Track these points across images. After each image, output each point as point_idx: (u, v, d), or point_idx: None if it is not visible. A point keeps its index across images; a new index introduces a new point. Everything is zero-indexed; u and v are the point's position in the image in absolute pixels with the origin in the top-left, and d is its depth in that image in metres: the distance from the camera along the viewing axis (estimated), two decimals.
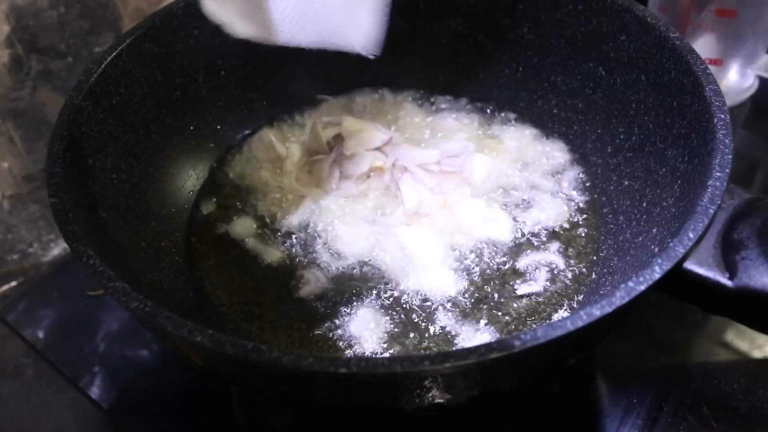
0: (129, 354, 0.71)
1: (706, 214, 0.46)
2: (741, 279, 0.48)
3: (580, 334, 0.41)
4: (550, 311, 0.61)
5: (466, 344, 0.58)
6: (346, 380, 0.41)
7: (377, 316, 0.61)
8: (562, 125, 0.76)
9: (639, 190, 0.64)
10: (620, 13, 0.65)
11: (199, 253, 0.68)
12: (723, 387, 0.63)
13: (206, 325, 0.43)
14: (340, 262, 0.65)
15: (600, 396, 0.64)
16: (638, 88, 0.65)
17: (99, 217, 0.56)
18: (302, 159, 0.75)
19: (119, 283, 0.45)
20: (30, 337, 0.73)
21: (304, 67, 0.81)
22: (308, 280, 0.63)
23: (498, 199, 0.70)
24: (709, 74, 0.56)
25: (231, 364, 0.45)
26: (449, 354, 0.39)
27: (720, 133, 0.51)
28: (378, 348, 0.58)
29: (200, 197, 0.73)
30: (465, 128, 0.77)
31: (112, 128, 0.63)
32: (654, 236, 0.57)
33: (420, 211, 0.68)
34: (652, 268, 0.44)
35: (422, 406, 0.46)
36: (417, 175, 0.70)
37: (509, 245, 0.66)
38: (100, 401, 0.67)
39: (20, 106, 0.78)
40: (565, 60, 0.73)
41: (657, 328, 0.68)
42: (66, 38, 0.79)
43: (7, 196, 0.80)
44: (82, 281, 0.76)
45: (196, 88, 0.74)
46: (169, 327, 0.42)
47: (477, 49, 0.80)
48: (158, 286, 0.60)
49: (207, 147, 0.76)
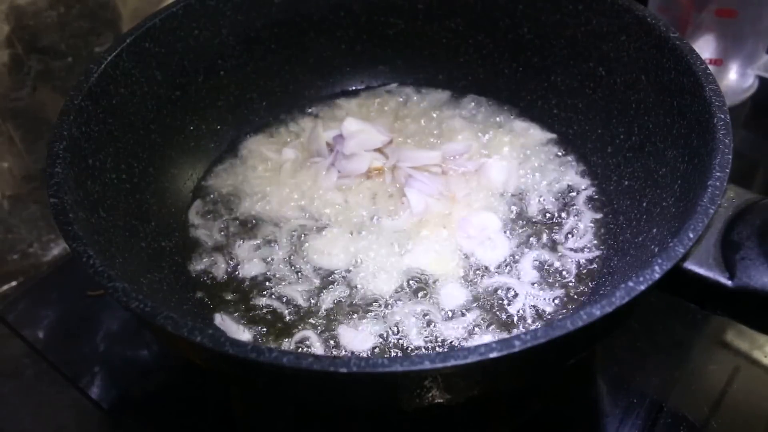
0: (129, 354, 0.71)
1: (706, 214, 0.46)
2: (741, 279, 0.48)
3: (580, 334, 0.41)
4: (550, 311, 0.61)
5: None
6: (346, 380, 0.41)
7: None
8: (562, 125, 0.76)
9: (639, 190, 0.64)
10: (620, 13, 0.65)
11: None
12: (723, 387, 0.63)
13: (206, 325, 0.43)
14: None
15: (600, 396, 0.64)
16: (638, 88, 0.65)
17: (99, 217, 0.56)
18: (299, 160, 0.75)
19: (119, 283, 0.45)
20: (30, 337, 0.73)
21: (304, 67, 0.81)
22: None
23: (498, 199, 0.70)
24: (709, 74, 0.56)
25: (231, 364, 0.45)
26: (449, 354, 0.39)
27: (720, 133, 0.51)
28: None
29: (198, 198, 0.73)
30: (466, 128, 0.77)
31: (112, 128, 0.63)
32: (654, 236, 0.57)
33: (425, 218, 0.68)
34: (652, 268, 0.43)
35: (422, 406, 0.46)
36: (422, 180, 0.70)
37: (508, 245, 0.66)
38: (100, 401, 0.67)
39: (20, 106, 0.78)
40: (565, 60, 0.73)
41: (657, 328, 0.68)
42: (66, 38, 0.79)
43: (7, 196, 0.80)
44: (82, 281, 0.76)
45: (196, 88, 0.74)
46: (169, 327, 0.42)
47: (477, 49, 0.80)
48: (158, 286, 0.60)
49: (207, 147, 0.76)
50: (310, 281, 0.64)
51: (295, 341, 0.59)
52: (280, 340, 0.60)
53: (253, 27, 0.76)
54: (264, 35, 0.77)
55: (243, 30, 0.75)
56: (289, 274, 0.65)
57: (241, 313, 0.62)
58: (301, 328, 0.60)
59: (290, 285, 0.64)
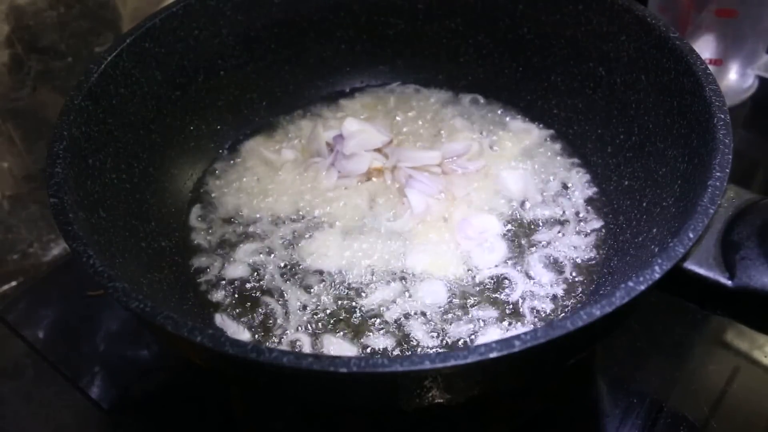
0: (129, 354, 0.71)
1: (706, 214, 0.46)
2: (741, 279, 0.48)
3: (580, 334, 0.41)
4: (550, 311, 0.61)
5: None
6: (346, 380, 0.41)
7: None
8: (562, 125, 0.76)
9: (639, 190, 0.64)
10: (620, 13, 0.65)
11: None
12: (723, 387, 0.63)
13: (206, 325, 0.43)
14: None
15: (600, 396, 0.64)
16: (638, 88, 0.65)
17: (99, 217, 0.56)
18: (299, 160, 0.75)
19: (119, 283, 0.45)
20: (30, 337, 0.73)
21: (304, 67, 0.81)
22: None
23: (498, 200, 0.70)
24: (709, 74, 0.56)
25: (231, 364, 0.45)
26: (449, 354, 0.39)
27: (720, 133, 0.51)
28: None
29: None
30: (466, 128, 0.77)
31: (112, 128, 0.63)
32: (654, 236, 0.57)
33: (426, 218, 0.68)
34: (652, 268, 0.43)
35: (422, 406, 0.46)
36: (423, 181, 0.70)
37: (507, 246, 0.66)
38: (100, 401, 0.67)
39: (20, 106, 0.78)
40: (565, 60, 0.73)
41: (657, 328, 0.68)
42: (66, 38, 0.79)
43: (7, 196, 0.80)
44: (82, 281, 0.76)
45: (196, 88, 0.74)
46: (169, 327, 0.42)
47: (477, 49, 0.80)
48: (158, 286, 0.60)
49: (207, 147, 0.76)
50: (310, 282, 0.64)
51: (289, 341, 0.59)
52: (273, 340, 0.60)
53: (253, 27, 0.76)
54: (264, 35, 0.77)
55: (243, 30, 0.75)
56: (288, 274, 0.65)
57: (239, 313, 0.62)
58: (298, 330, 0.60)
59: (290, 285, 0.64)
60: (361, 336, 0.59)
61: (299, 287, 0.64)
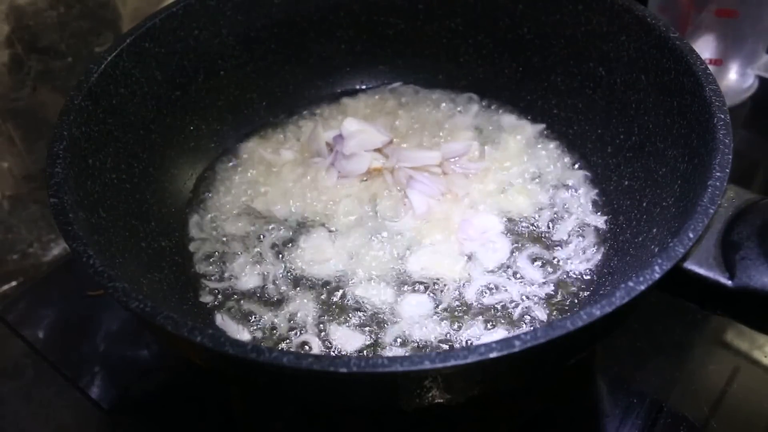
0: (129, 354, 0.71)
1: (706, 214, 0.46)
2: (741, 279, 0.48)
3: (580, 334, 0.41)
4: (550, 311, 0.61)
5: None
6: (346, 380, 0.41)
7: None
8: (562, 125, 0.76)
9: (639, 190, 0.64)
10: (620, 13, 0.65)
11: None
12: (723, 387, 0.63)
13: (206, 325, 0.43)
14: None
15: (600, 396, 0.64)
16: (638, 88, 0.65)
17: (99, 217, 0.56)
18: (299, 160, 0.75)
19: (119, 283, 0.45)
20: (30, 337, 0.73)
21: (304, 67, 0.81)
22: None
23: (497, 200, 0.70)
24: (709, 74, 0.56)
25: (231, 364, 0.45)
26: (449, 354, 0.39)
27: (720, 133, 0.51)
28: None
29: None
30: (466, 129, 0.77)
31: (112, 128, 0.63)
32: (654, 236, 0.57)
33: (427, 219, 0.68)
34: (652, 268, 0.44)
35: (422, 406, 0.46)
36: (424, 181, 0.70)
37: (509, 246, 0.66)
38: (100, 401, 0.67)
39: (20, 106, 0.78)
40: (565, 60, 0.73)
41: (657, 328, 0.68)
42: (66, 38, 0.79)
43: (7, 196, 0.80)
44: (82, 281, 0.76)
45: (196, 88, 0.74)
46: (169, 327, 0.42)
47: (477, 49, 0.80)
48: (158, 286, 0.60)
49: (207, 147, 0.76)
50: (310, 282, 0.64)
51: (295, 345, 0.59)
52: (273, 340, 0.60)
53: (253, 27, 0.76)
54: (264, 35, 0.77)
55: (243, 30, 0.75)
56: (288, 274, 0.65)
57: (239, 313, 0.62)
58: (299, 332, 0.60)
59: (290, 285, 0.64)
60: (361, 336, 0.59)
61: (299, 287, 0.64)
